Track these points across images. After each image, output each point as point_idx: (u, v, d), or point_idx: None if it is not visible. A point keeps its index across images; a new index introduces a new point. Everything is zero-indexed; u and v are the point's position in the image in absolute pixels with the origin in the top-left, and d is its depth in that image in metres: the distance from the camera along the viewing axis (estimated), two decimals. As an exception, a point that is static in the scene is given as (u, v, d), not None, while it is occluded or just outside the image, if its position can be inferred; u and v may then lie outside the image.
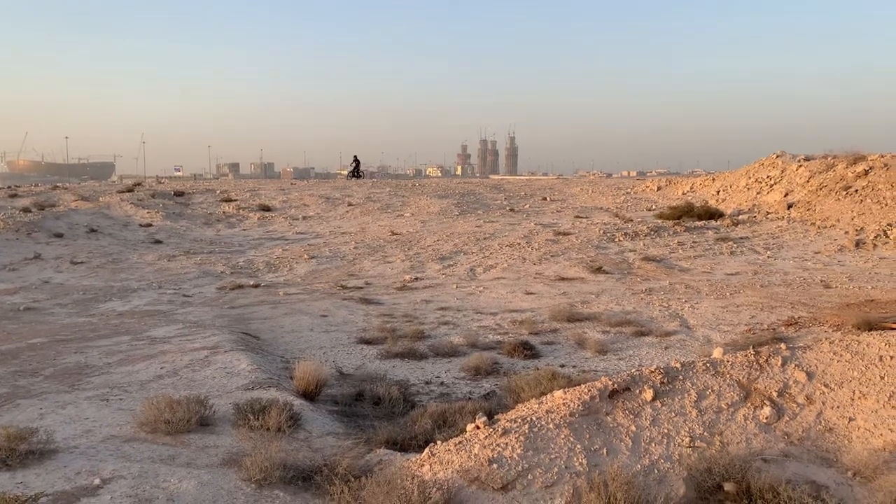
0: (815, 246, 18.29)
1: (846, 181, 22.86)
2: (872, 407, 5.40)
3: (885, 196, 21.08)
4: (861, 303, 11.54)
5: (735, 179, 29.53)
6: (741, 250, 17.99)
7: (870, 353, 5.92)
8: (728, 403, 5.51)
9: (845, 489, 4.64)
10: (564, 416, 5.16)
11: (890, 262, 16.13)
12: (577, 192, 36.30)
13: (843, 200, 21.85)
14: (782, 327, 10.23)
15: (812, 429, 5.32)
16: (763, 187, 26.46)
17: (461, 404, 6.38)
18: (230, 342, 9.21)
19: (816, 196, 23.00)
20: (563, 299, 12.76)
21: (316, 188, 38.25)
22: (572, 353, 9.34)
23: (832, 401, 5.54)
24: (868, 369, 5.76)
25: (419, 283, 14.81)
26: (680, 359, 6.29)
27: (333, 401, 7.28)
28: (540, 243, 19.13)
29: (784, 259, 16.90)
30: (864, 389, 5.57)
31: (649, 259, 16.87)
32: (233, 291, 14.01)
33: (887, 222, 19.14)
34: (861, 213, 20.52)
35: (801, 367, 5.88)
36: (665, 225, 22.09)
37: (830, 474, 4.84)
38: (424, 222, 24.44)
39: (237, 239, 22.22)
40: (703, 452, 4.93)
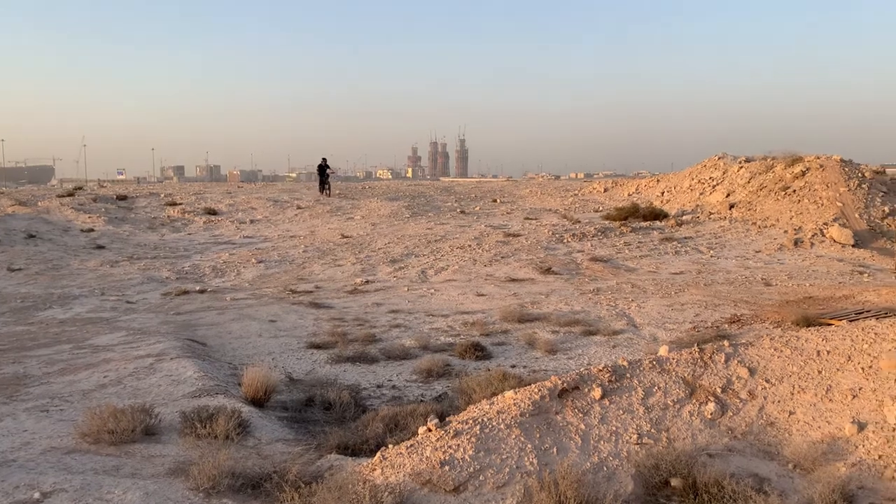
0: (756, 245, 18.83)
1: (785, 182, 23.61)
2: (811, 401, 5.58)
3: (821, 196, 21.83)
4: (800, 300, 11.93)
5: (679, 181, 30.21)
6: (685, 250, 18.41)
7: (808, 349, 6.12)
8: (674, 400, 5.63)
9: (786, 481, 4.78)
10: (515, 417, 5.19)
11: (826, 260, 16.72)
12: (526, 195, 36.66)
13: (782, 200, 22.55)
14: (726, 325, 10.50)
15: (754, 423, 5.47)
16: (706, 188, 27.13)
17: (413, 407, 6.36)
18: (176, 349, 9.01)
19: (757, 196, 23.68)
20: (513, 300, 12.86)
21: (264, 191, 37.75)
22: (523, 353, 9.41)
23: (773, 395, 5.71)
24: (807, 364, 5.96)
25: (370, 286, 14.74)
26: (627, 357, 6.39)
27: (283, 407, 7.19)
28: (490, 245, 19.25)
29: (726, 258, 17.35)
30: (803, 384, 5.76)
31: (597, 259, 17.13)
32: (178, 297, 13.72)
33: (823, 221, 19.83)
34: (799, 212, 21.22)
35: (744, 363, 6.04)
36: (612, 226, 22.46)
37: (772, 467, 4.98)
38: (375, 225, 24.34)
39: (183, 243, 21.76)
40: (650, 449, 5.02)
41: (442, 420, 5.37)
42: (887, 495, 4.47)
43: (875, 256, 17.17)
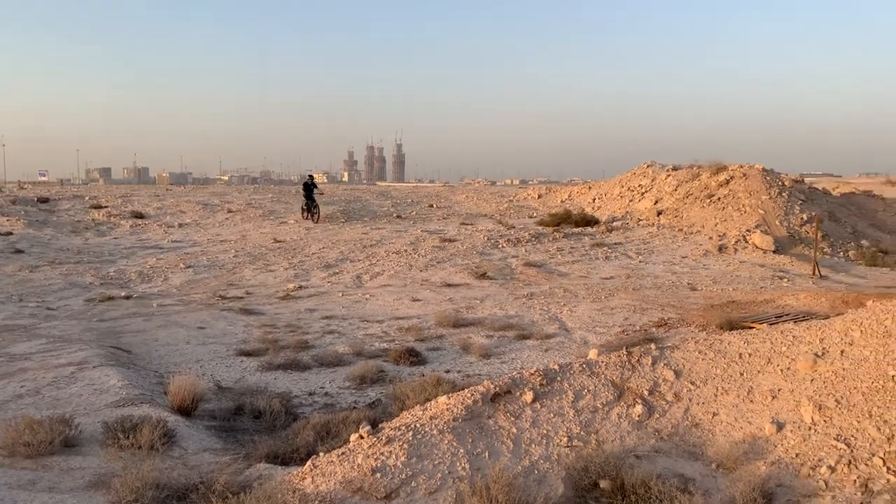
0: (682, 251, 19.41)
1: (710, 190, 24.42)
2: (733, 402, 5.77)
3: (744, 204, 22.67)
4: (724, 304, 12.35)
5: (609, 188, 30.90)
6: (615, 255, 18.83)
7: (731, 352, 6.33)
8: (603, 403, 5.74)
9: (710, 480, 4.93)
10: (448, 422, 5.20)
11: (749, 266, 17.36)
12: (462, 200, 36.86)
13: (707, 208, 23.32)
14: (653, 328, 10.77)
15: (680, 424, 5.62)
16: (635, 195, 27.82)
17: (345, 414, 6.30)
18: (99, 357, 8.68)
19: (683, 204, 24.42)
20: (448, 305, 12.89)
21: (193, 194, 36.85)
22: (458, 358, 9.44)
23: (698, 397, 5.88)
24: (729, 366, 6.16)
25: (303, 291, 14.54)
26: (559, 361, 6.48)
27: (211, 416, 7.01)
28: (426, 250, 19.27)
29: (654, 263, 17.83)
30: (726, 385, 5.95)
31: (531, 264, 17.35)
32: (102, 303, 13.23)
33: (746, 228, 20.60)
34: (723, 219, 21.98)
35: (670, 365, 6.21)
36: (545, 231, 22.80)
37: (697, 467, 5.13)
38: (309, 229, 24.05)
39: (107, 248, 21.01)
40: (580, 451, 5.10)
41: (375, 427, 5.33)
42: (804, 492, 4.65)
43: (794, 262, 17.92)
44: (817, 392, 5.53)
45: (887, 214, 26.31)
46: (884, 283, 15.61)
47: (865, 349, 5.79)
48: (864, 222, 24.73)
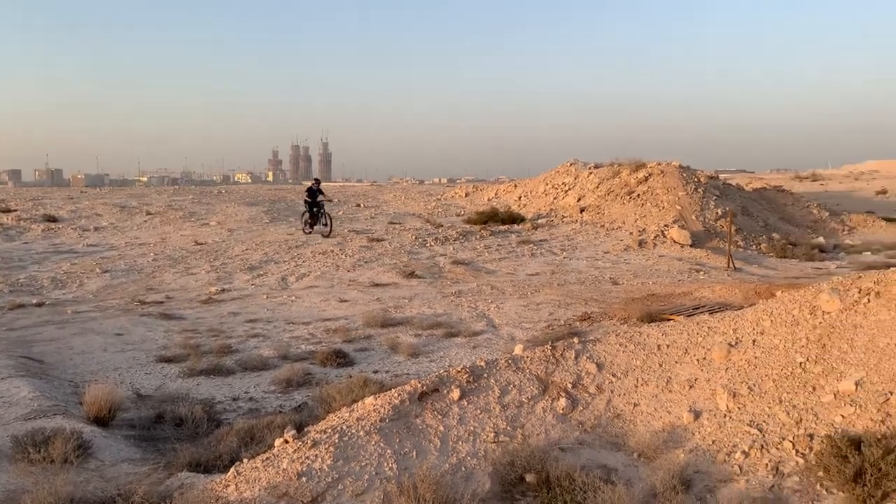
0: (604, 246, 19.89)
1: (630, 187, 25.10)
2: (653, 392, 5.94)
3: (662, 200, 23.40)
4: (644, 297, 12.71)
5: (535, 186, 31.37)
6: (541, 252, 19.13)
7: (650, 343, 6.52)
8: (529, 397, 5.82)
9: (632, 470, 5.06)
10: (375, 423, 5.17)
11: (667, 260, 17.94)
12: (390, 199, 36.76)
13: (627, 204, 23.96)
14: (577, 322, 11.00)
15: (603, 416, 5.76)
16: (559, 193, 28.34)
17: (270, 419, 6.19)
18: (8, 368, 8.26)
19: (605, 200, 25.02)
20: (376, 305, 12.83)
21: (111, 196, 35.52)
22: (386, 358, 9.41)
23: (619, 389, 6.03)
24: (649, 358, 6.34)
25: (226, 294, 14.20)
26: (485, 357, 6.55)
27: (130, 425, 6.77)
28: (354, 250, 19.12)
29: (578, 259, 18.21)
30: (646, 377, 6.12)
31: (458, 262, 17.44)
32: (12, 311, 12.58)
33: (665, 223, 21.26)
34: (643, 215, 22.62)
35: (592, 359, 6.35)
36: (473, 229, 22.98)
37: (619, 457, 5.26)
38: (232, 231, 23.50)
39: (17, 253, 19.99)
40: (506, 446, 5.16)
41: (300, 430, 5.26)
42: (720, 477, 4.83)
43: (710, 255, 18.60)
44: (731, 380, 5.75)
45: (796, 209, 27.64)
46: (793, 274, 16.38)
47: (775, 338, 6.06)
48: (774, 216, 25.90)
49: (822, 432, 4.91)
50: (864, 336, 5.67)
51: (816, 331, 5.91)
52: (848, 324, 5.84)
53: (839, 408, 5.09)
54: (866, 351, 5.52)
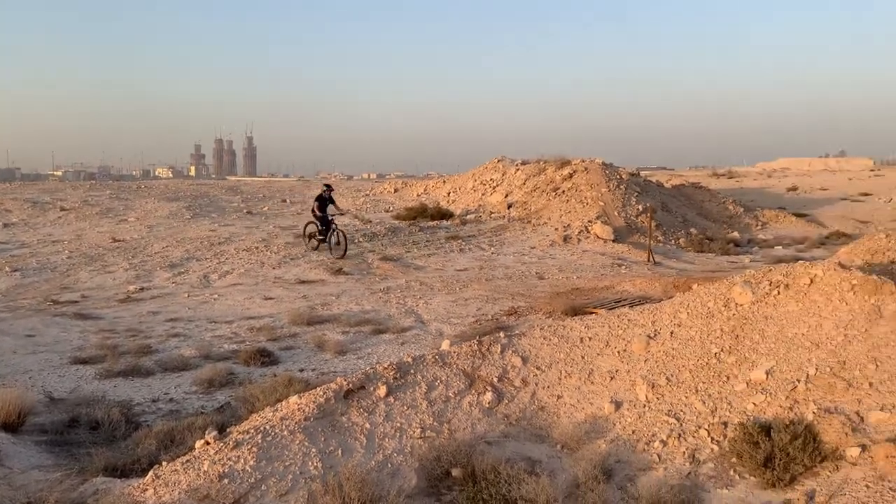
0: (531, 242, 20.17)
1: (555, 183, 25.53)
2: (576, 384, 6.07)
3: (586, 196, 23.89)
4: (568, 291, 12.96)
5: (463, 182, 31.54)
6: (469, 248, 19.25)
7: (573, 336, 6.65)
8: (455, 392, 5.84)
9: (555, 461, 5.15)
10: (299, 422, 5.10)
11: (591, 254, 18.34)
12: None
13: (553, 200, 24.36)
14: (504, 317, 11.13)
15: (527, 409, 5.84)
16: (487, 189, 28.58)
17: (191, 420, 6.02)
18: None
19: (532, 196, 25.38)
20: (303, 302, 12.65)
21: (21, 191, 33.80)
22: (312, 356, 9.29)
23: (544, 381, 6.13)
24: (572, 350, 6.47)
25: (146, 293, 13.73)
26: (413, 353, 6.54)
27: (42, 430, 6.46)
28: (279, 247, 18.79)
29: (505, 255, 18.41)
30: (569, 369, 6.24)
31: (387, 259, 17.38)
32: None
33: (588, 219, 21.73)
34: (568, 211, 23.05)
35: (518, 352, 6.43)
36: (402, 225, 22.93)
37: (543, 449, 5.34)
38: (152, 227, 22.74)
39: (-84, 252, 18.82)
40: (433, 442, 5.17)
41: (222, 431, 5.13)
42: (640, 466, 4.97)
43: (631, 250, 19.12)
44: (650, 371, 5.92)
45: (712, 204, 28.69)
46: (709, 267, 17.01)
47: (692, 329, 6.27)
48: (692, 212, 26.82)
49: (736, 420, 5.12)
50: (775, 327, 5.93)
51: (730, 322, 6.15)
52: (759, 315, 6.10)
53: (751, 396, 5.31)
54: (776, 341, 5.78)
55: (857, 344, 5.40)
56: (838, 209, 32.70)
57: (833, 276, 6.04)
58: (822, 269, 6.18)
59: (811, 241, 22.32)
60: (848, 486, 4.23)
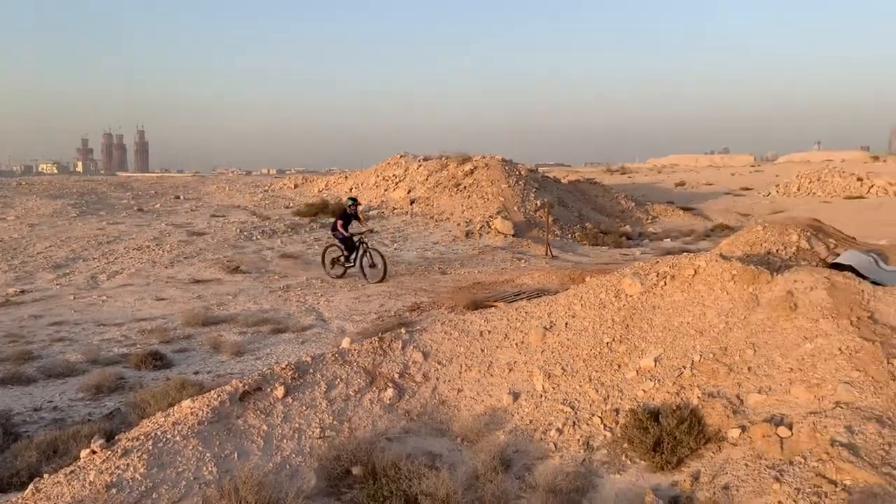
0: (434, 237, 20.29)
1: (457, 179, 25.77)
2: (476, 377, 6.15)
3: (487, 192, 24.23)
4: (470, 285, 13.12)
5: (366, 177, 31.33)
6: (371, 244, 19.14)
7: (473, 330, 6.73)
8: (356, 390, 5.81)
9: (456, 454, 5.21)
10: (193, 426, 4.93)
11: (492, 249, 18.62)
12: (213, 191, 35.13)
13: (455, 196, 24.58)
14: (407, 312, 11.14)
15: (428, 403, 5.87)
16: (390, 185, 28.51)
17: (76, 429, 5.71)
18: None
19: (434, 192, 25.51)
20: (198, 303, 12.23)
21: None
22: (208, 358, 9.00)
23: (444, 376, 6.18)
24: (472, 344, 6.55)
25: (27, 296, 12.91)
26: (312, 352, 6.45)
27: None
28: (172, 245, 18.09)
29: (409, 250, 18.44)
30: (469, 362, 6.32)
31: (287, 256, 17.04)
32: None
33: (489, 214, 22.05)
34: (469, 207, 23.31)
35: (419, 347, 6.45)
36: (302, 222, 22.55)
37: (444, 443, 5.39)
38: (33, 226, 21.40)
39: None
40: (332, 441, 5.12)
41: (111, 439, 4.90)
42: (537, 455, 5.10)
43: (530, 244, 19.55)
44: (547, 362, 6.08)
45: (606, 199, 29.72)
46: (603, 260, 17.61)
47: (585, 320, 6.48)
48: (588, 207, 27.69)
49: (627, 407, 5.33)
50: (662, 316, 6.21)
51: (621, 313, 6.39)
52: (648, 305, 6.37)
53: (641, 383, 5.54)
54: (664, 330, 6.05)
55: (737, 330, 5.72)
56: (722, 203, 34.61)
57: (715, 266, 6.37)
58: (705, 261, 6.51)
59: (697, 233, 23.49)
60: (729, 466, 4.48)
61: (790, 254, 7.46)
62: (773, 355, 5.28)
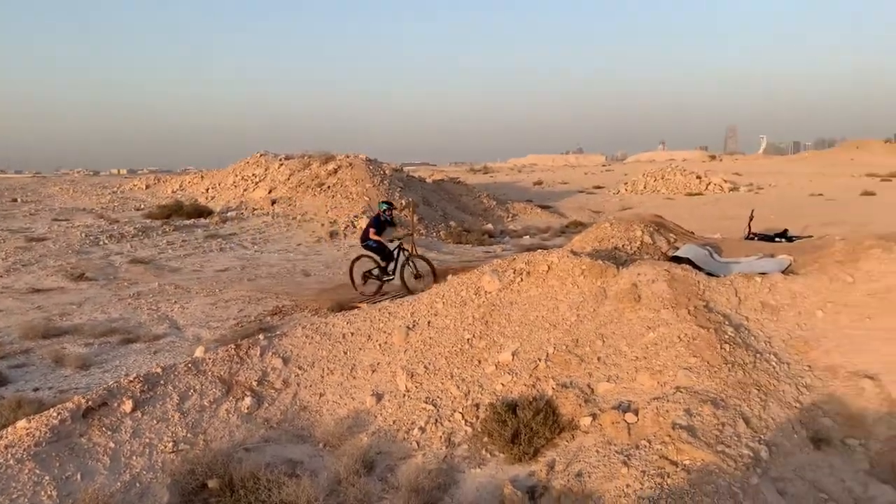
0: (297, 238, 19.89)
1: (320, 178, 25.41)
2: (338, 380, 6.08)
3: (351, 191, 24.07)
4: (335, 287, 12.97)
5: (224, 177, 30.24)
6: (230, 246, 18.50)
7: (335, 333, 6.66)
8: (211, 401, 5.58)
9: (318, 460, 5.12)
10: (29, 448, 4.56)
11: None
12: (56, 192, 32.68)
13: (318, 196, 24.23)
14: (268, 317, 10.84)
15: (289, 410, 5.74)
16: (250, 185, 27.66)
17: None
18: None
19: (297, 192, 25.02)
20: (37, 314, 11.30)
21: None
22: (49, 373, 8.33)
23: (306, 381, 6.07)
24: (334, 347, 6.47)
25: None
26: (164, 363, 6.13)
27: None
28: (8, 252, 16.63)
29: (270, 252, 17.96)
30: (332, 366, 6.24)
31: (138, 261, 16.12)
32: None
33: (354, 214, 21.91)
34: (334, 206, 23.06)
35: (279, 353, 6.29)
36: (154, 225, 21.42)
37: (305, 449, 5.29)
38: None
39: None
40: (186, 455, 4.89)
41: (-71, 470, 4.43)
42: (400, 455, 5.11)
43: (396, 244, 19.61)
44: (410, 361, 6.12)
45: (469, 198, 30.34)
46: (467, 257, 17.96)
47: (447, 318, 6.57)
48: (452, 205, 28.15)
49: (486, 401, 5.45)
50: (519, 311, 6.41)
51: (481, 309, 6.53)
52: (505, 301, 6.55)
53: (499, 377, 5.70)
54: (520, 324, 6.25)
55: (588, 322, 6.00)
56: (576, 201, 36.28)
57: (566, 262, 6.65)
58: (558, 257, 6.78)
59: (553, 230, 24.47)
60: (582, 453, 4.69)
61: (635, 248, 7.93)
62: (620, 345, 5.58)
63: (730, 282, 5.98)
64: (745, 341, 5.31)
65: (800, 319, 5.50)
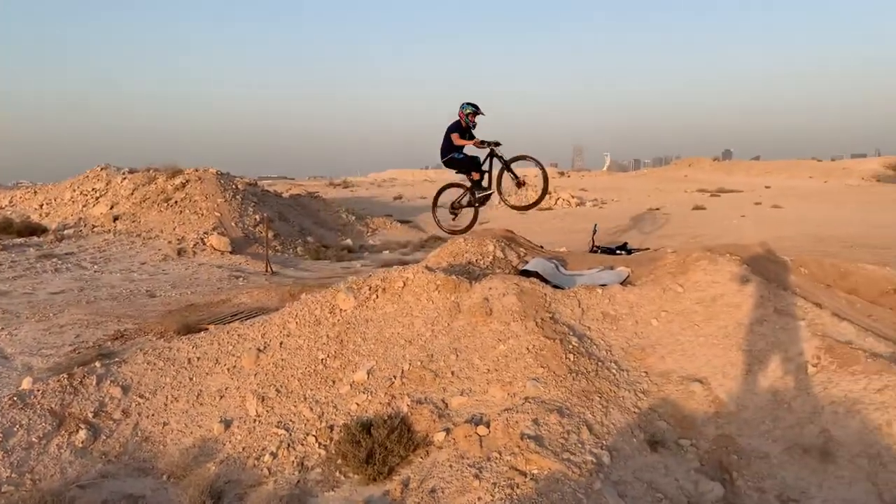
0: (141, 257, 18.79)
1: (167, 193, 24.18)
2: (183, 408, 5.78)
3: (201, 207, 23.08)
4: (182, 308, 12.34)
5: (60, 192, 28.07)
6: (67, 266, 17.17)
7: (180, 358, 6.33)
8: (40, 436, 5.14)
9: (161, 493, 4.84)
10: None
11: (208, 268, 17.75)
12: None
13: (165, 212, 23.03)
14: (109, 342, 10.13)
15: (129, 442, 5.39)
16: (89, 200, 25.86)
17: None
18: None
19: (141, 208, 23.66)
20: None
21: None
22: None
23: (148, 410, 5.72)
24: (179, 373, 6.16)
25: None
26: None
27: None
28: None
29: (112, 272, 16.85)
30: (177, 393, 5.93)
31: (-43, 285, 14.60)
32: None
33: (204, 231, 21.02)
34: (182, 223, 22.00)
35: (117, 382, 5.90)
36: (-22, 244, 19.49)
37: (148, 482, 4.98)
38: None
39: None
40: (11, 497, 4.47)
41: None
42: (250, 483, 4.93)
43: (249, 261, 18.99)
44: (261, 384, 5.92)
45: (328, 213, 30.00)
46: (325, 274, 17.70)
47: (300, 338, 6.43)
48: (309, 221, 27.70)
49: (341, 422, 5.38)
50: (375, 328, 6.38)
51: (336, 328, 6.45)
52: (361, 319, 6.51)
53: (354, 397, 5.64)
54: (376, 342, 6.23)
55: (442, 337, 6.08)
56: (435, 215, 36.76)
57: (421, 278, 6.72)
58: (413, 273, 6.84)
59: (413, 244, 24.67)
60: (436, 469, 4.73)
61: (488, 263, 8.14)
62: (473, 358, 5.69)
63: (574, 293, 6.28)
64: (588, 350, 5.59)
65: (637, 328, 5.86)
